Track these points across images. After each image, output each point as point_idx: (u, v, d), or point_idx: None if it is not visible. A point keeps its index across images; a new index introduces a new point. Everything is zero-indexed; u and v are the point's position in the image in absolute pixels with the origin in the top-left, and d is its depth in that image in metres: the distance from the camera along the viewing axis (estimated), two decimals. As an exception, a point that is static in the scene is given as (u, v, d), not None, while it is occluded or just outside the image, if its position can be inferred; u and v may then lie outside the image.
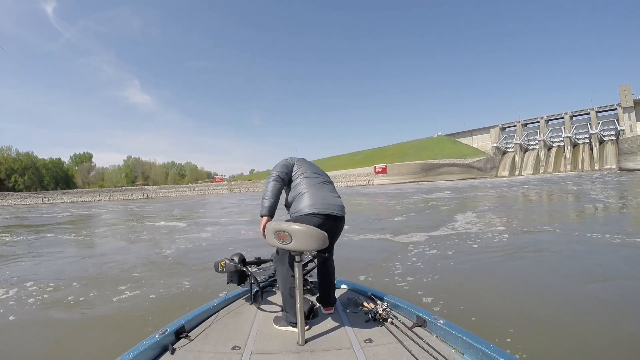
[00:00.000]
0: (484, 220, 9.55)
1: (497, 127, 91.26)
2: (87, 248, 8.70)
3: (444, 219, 10.25)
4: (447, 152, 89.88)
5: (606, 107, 75.16)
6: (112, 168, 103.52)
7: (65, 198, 58.66)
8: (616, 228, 7.04)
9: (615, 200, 13.47)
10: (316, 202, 1.97)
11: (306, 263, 2.42)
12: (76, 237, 10.47)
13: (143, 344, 1.59)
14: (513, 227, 8.09)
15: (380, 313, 1.91)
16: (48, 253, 7.71)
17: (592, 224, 8.30)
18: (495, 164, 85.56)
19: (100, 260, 6.60)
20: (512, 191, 22.80)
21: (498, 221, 9.17)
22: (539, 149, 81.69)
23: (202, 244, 7.99)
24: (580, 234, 6.71)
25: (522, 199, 17.04)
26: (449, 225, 8.81)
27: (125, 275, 5.22)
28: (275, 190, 2.03)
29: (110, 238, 10.04)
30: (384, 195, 27.27)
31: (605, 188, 20.22)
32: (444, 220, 9.90)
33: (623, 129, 69.40)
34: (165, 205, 29.97)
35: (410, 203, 17.89)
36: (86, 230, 12.67)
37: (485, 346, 1.47)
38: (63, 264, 6.38)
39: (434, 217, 11.03)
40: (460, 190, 27.46)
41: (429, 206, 15.39)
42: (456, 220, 9.76)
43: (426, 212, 12.75)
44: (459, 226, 8.52)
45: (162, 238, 9.26)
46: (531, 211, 11.82)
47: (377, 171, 73.02)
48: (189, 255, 6.62)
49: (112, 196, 61.17)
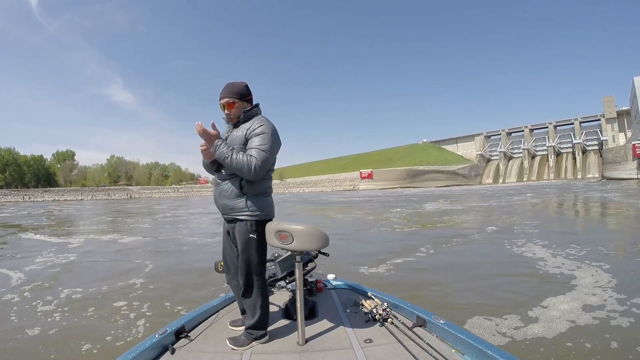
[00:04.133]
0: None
1: (482, 135, 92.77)
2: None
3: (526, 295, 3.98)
4: (432, 159, 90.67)
5: (590, 117, 77.09)
6: (94, 167, 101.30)
7: (46, 196, 57.43)
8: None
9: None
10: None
11: (306, 263, 2.34)
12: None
13: (143, 344, 1.59)
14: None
15: (380, 313, 1.89)
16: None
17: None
18: (480, 172, 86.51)
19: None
20: (526, 200, 20.87)
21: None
22: (523, 157, 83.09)
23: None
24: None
25: (580, 213, 14.95)
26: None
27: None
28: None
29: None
30: (369, 204, 24.78)
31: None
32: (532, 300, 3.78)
33: (606, 139, 71.26)
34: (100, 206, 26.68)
35: (409, 220, 13.54)
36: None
37: (485, 346, 1.47)
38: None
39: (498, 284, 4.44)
40: (456, 199, 25.36)
41: (449, 234, 8.40)
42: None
43: (457, 254, 6.37)
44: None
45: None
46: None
47: (363, 176, 72.68)
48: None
49: (94, 196, 59.99)
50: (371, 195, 37.03)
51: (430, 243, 7.29)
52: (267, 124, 1.82)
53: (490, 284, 4.40)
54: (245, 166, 1.69)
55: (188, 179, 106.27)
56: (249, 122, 1.84)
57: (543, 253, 5.92)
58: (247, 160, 1.69)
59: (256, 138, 1.76)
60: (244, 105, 1.88)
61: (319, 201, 30.53)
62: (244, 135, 1.80)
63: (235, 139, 1.81)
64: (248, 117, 1.87)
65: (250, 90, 1.92)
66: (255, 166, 1.69)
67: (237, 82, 1.91)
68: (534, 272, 4.88)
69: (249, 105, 1.90)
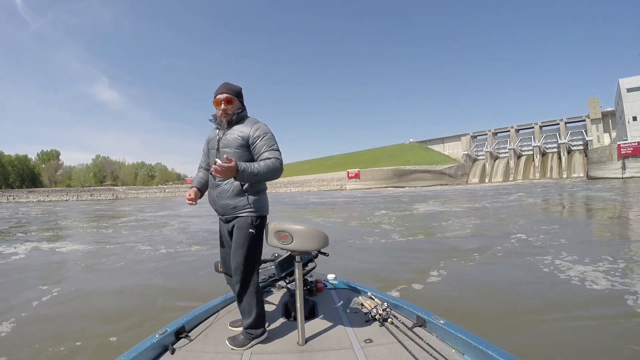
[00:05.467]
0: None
1: (469, 135, 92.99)
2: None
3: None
4: (419, 158, 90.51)
5: (575, 118, 77.64)
6: (80, 167, 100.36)
7: (31, 197, 56.72)
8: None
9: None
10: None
11: (306, 263, 2.35)
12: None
13: (143, 344, 1.58)
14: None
15: (380, 313, 1.89)
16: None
17: None
18: (466, 171, 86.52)
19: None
20: (536, 199, 19.32)
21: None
22: (509, 157, 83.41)
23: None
24: None
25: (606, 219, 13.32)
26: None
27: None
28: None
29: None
30: (353, 206, 22.85)
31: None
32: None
33: (591, 139, 71.80)
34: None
35: (405, 227, 12.49)
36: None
37: (485, 346, 1.46)
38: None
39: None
40: (449, 200, 23.76)
41: (461, 246, 6.38)
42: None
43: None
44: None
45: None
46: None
47: (350, 176, 71.62)
48: None
49: (79, 196, 58.92)
50: (355, 196, 35.14)
51: (439, 259, 5.42)
52: (263, 125, 1.89)
53: (564, 336, 2.53)
54: (272, 170, 1.74)
55: (174, 179, 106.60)
56: (243, 126, 1.89)
57: (598, 276, 4.12)
58: (271, 164, 1.74)
59: (262, 142, 1.83)
60: (239, 105, 1.93)
61: (294, 202, 28.40)
62: (242, 139, 1.84)
63: (231, 142, 1.86)
64: (240, 118, 1.92)
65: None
66: (279, 165, 1.77)
67: (234, 84, 1.96)
68: (619, 310, 3.06)
69: (242, 107, 1.96)
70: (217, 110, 1.91)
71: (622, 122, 60.14)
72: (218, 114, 1.91)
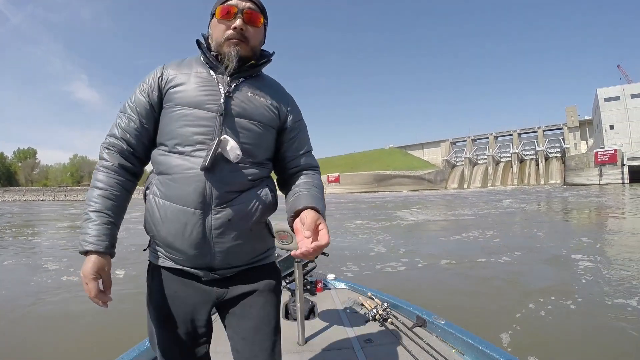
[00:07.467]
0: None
1: (448, 142, 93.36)
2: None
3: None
4: (399, 164, 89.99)
5: (553, 126, 78.99)
6: (57, 166, 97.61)
7: (7, 196, 55.17)
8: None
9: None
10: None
11: (306, 263, 2.23)
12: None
13: (143, 344, 1.57)
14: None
15: (380, 313, 1.88)
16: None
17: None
18: (445, 177, 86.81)
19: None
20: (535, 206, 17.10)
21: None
22: (488, 163, 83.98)
23: None
24: None
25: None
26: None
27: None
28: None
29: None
30: (330, 212, 20.03)
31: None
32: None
33: (568, 146, 72.95)
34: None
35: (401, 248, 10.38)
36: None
37: (485, 346, 1.45)
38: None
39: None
40: (436, 206, 21.39)
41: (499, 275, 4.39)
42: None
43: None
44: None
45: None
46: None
47: (330, 180, 69.98)
48: None
49: (56, 196, 57.49)
50: (334, 202, 32.47)
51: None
52: (297, 105, 1.09)
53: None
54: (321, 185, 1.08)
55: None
56: (267, 87, 0.99)
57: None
58: (320, 180, 1.04)
59: (303, 134, 1.06)
60: (263, 37, 0.99)
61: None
62: (275, 112, 0.97)
63: (257, 110, 0.93)
64: (262, 65, 0.99)
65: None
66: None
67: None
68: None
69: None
70: (219, 31, 0.92)
71: (599, 130, 61.05)
72: (223, 38, 0.90)
